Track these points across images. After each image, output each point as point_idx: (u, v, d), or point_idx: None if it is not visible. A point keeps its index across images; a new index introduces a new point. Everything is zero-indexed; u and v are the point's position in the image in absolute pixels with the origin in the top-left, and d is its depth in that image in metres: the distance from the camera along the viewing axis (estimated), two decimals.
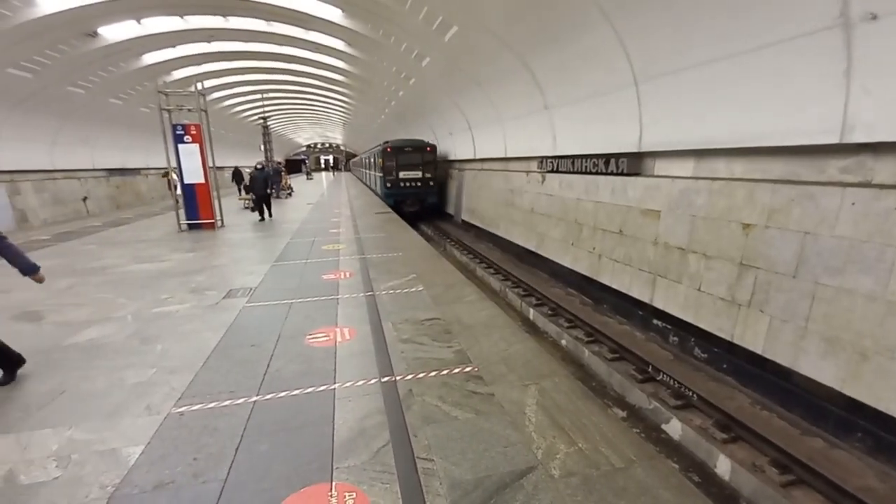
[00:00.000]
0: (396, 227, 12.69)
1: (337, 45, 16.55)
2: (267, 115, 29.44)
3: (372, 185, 27.72)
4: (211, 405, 3.42)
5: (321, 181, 42.99)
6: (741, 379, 5.88)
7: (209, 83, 18.88)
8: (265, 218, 14.32)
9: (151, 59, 16.48)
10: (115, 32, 13.51)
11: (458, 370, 3.92)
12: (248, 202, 17.17)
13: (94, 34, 12.99)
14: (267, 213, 14.50)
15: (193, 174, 12.02)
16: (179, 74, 18.99)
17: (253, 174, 14.71)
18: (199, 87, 12.26)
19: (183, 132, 11.71)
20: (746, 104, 5.62)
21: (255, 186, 14.58)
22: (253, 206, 15.32)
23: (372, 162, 26.28)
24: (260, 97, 28.01)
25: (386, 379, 3.78)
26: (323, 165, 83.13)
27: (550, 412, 3.27)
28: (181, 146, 11.76)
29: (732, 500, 4.23)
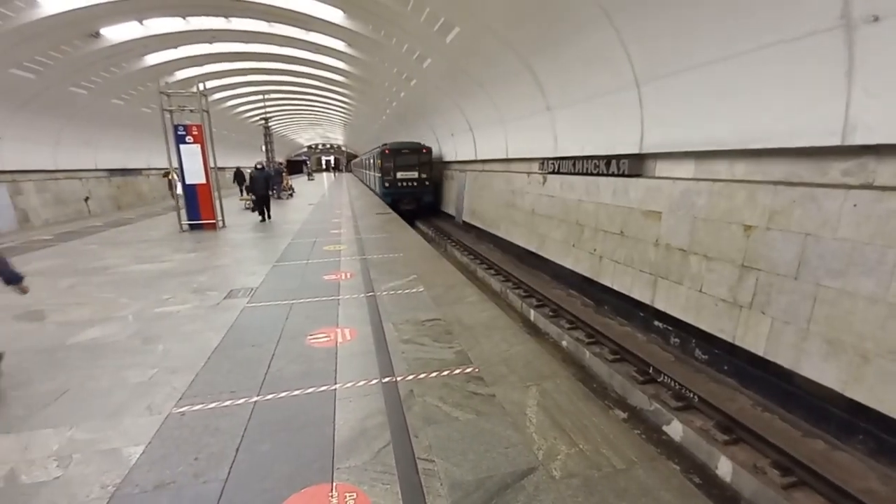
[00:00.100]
0: (397, 227, 12.70)
1: (338, 46, 16.59)
2: (268, 115, 29.53)
3: (371, 184, 28.81)
4: (212, 405, 3.42)
5: (322, 182, 43.04)
6: (742, 380, 5.88)
7: (211, 84, 18.92)
8: (266, 218, 14.15)
9: (153, 59, 16.53)
10: (117, 33, 13.57)
11: (458, 371, 3.92)
12: (248, 202, 17.13)
13: (96, 35, 13.04)
14: (266, 214, 14.22)
15: (195, 175, 12.03)
16: (181, 75, 19.05)
17: (253, 174, 14.44)
18: (200, 87, 12.29)
19: (185, 133, 11.72)
20: (748, 106, 5.63)
21: (255, 187, 14.39)
22: (253, 206, 15.17)
23: (371, 163, 27.56)
24: (261, 98, 28.07)
25: (387, 379, 3.78)
26: (324, 166, 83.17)
27: (551, 413, 3.26)
28: (183, 147, 11.77)
29: (733, 501, 4.22)
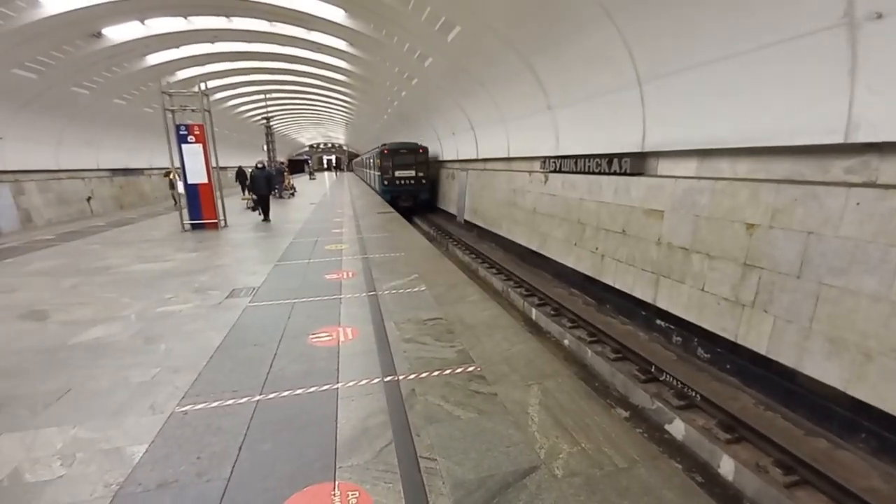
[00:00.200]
0: (399, 226, 12.70)
1: (339, 45, 16.59)
2: (270, 115, 29.54)
3: (371, 183, 30.25)
4: (214, 404, 3.43)
5: (324, 181, 43.06)
6: (745, 379, 5.87)
7: (213, 83, 18.90)
8: (265, 219, 13.94)
9: (155, 59, 16.55)
10: (119, 33, 13.58)
11: (460, 370, 3.91)
12: (250, 202, 17.10)
13: (98, 35, 13.06)
14: (264, 214, 13.96)
15: (197, 174, 12.02)
16: (183, 75, 19.06)
17: (254, 173, 14.27)
18: (202, 87, 12.27)
19: (186, 132, 11.72)
20: (750, 104, 5.61)
21: (256, 186, 14.23)
22: (254, 206, 15.04)
23: (371, 162, 29.16)
24: (263, 97, 28.08)
25: (389, 378, 3.78)
26: (325, 165, 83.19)
27: (553, 412, 3.26)
28: (185, 146, 11.76)
29: (736, 500, 4.22)
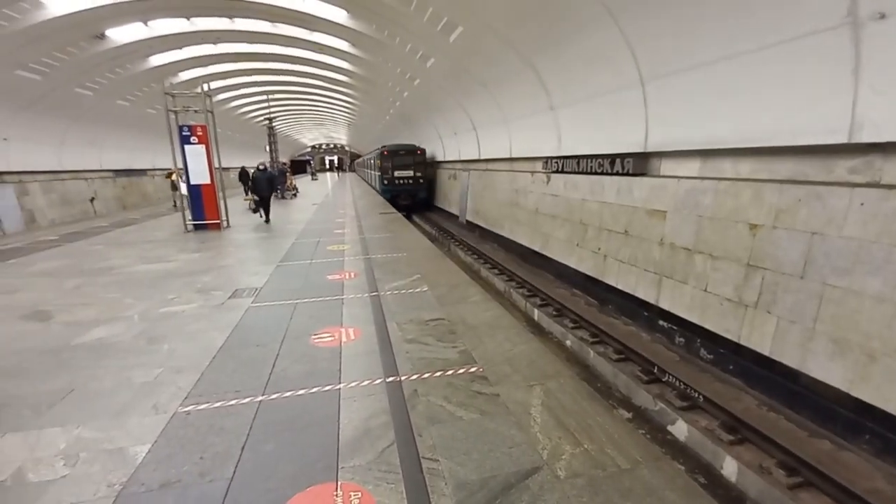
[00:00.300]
0: (401, 227, 12.71)
1: (341, 46, 16.61)
2: (272, 115, 29.60)
3: (372, 182, 31.57)
4: (217, 405, 3.44)
5: (326, 182, 43.12)
6: (748, 380, 5.85)
7: (215, 84, 18.92)
8: (266, 220, 13.86)
9: (158, 60, 16.60)
10: (122, 34, 13.62)
11: (462, 370, 3.91)
12: (251, 203, 17.04)
13: (101, 36, 13.11)
14: (264, 216, 13.90)
15: (199, 175, 12.07)
16: (186, 76, 19.11)
17: (255, 175, 14.25)
18: (205, 88, 12.32)
19: (189, 133, 11.77)
20: (753, 104, 5.59)
21: (257, 187, 14.20)
22: (255, 207, 14.85)
23: (372, 163, 30.85)
24: (265, 98, 28.14)
25: (391, 379, 3.79)
26: (328, 166, 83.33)
27: (555, 413, 3.26)
28: (187, 147, 11.81)
29: (739, 501, 4.21)
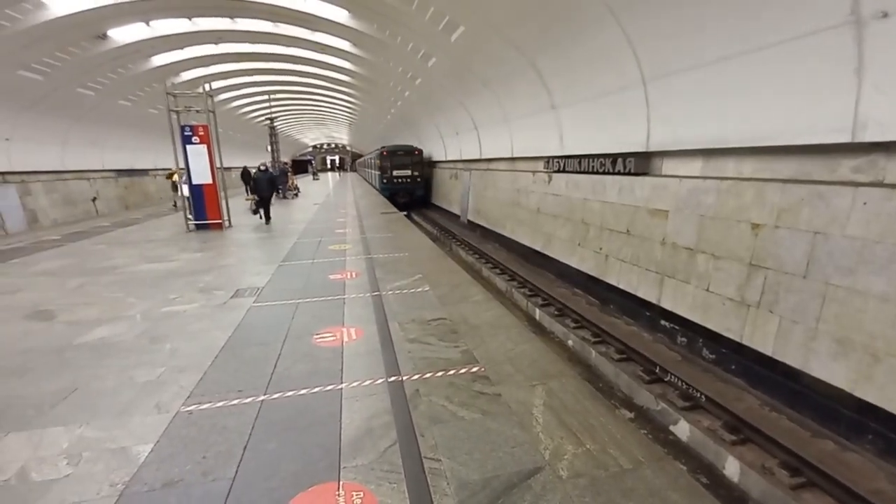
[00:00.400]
0: (402, 226, 12.71)
1: (343, 45, 16.63)
2: (274, 115, 29.62)
3: (372, 181, 32.94)
4: (219, 404, 3.44)
5: (327, 181, 43.15)
6: (750, 380, 5.84)
7: (217, 84, 18.98)
8: (266, 221, 13.71)
9: (160, 60, 16.64)
10: (124, 34, 13.67)
11: (464, 370, 3.91)
12: (252, 203, 16.95)
13: (103, 36, 13.15)
14: (265, 217, 13.73)
15: (201, 175, 12.08)
16: (188, 76, 19.16)
17: (256, 175, 14.24)
18: (206, 88, 12.33)
19: (191, 133, 11.78)
20: (755, 103, 5.58)
21: (258, 188, 14.11)
22: (255, 208, 14.66)
23: (372, 163, 32.50)
24: (267, 98, 28.18)
25: (393, 379, 3.78)
26: (329, 166, 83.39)
27: (557, 413, 3.25)
28: (189, 147, 11.82)
29: (741, 502, 4.20)
